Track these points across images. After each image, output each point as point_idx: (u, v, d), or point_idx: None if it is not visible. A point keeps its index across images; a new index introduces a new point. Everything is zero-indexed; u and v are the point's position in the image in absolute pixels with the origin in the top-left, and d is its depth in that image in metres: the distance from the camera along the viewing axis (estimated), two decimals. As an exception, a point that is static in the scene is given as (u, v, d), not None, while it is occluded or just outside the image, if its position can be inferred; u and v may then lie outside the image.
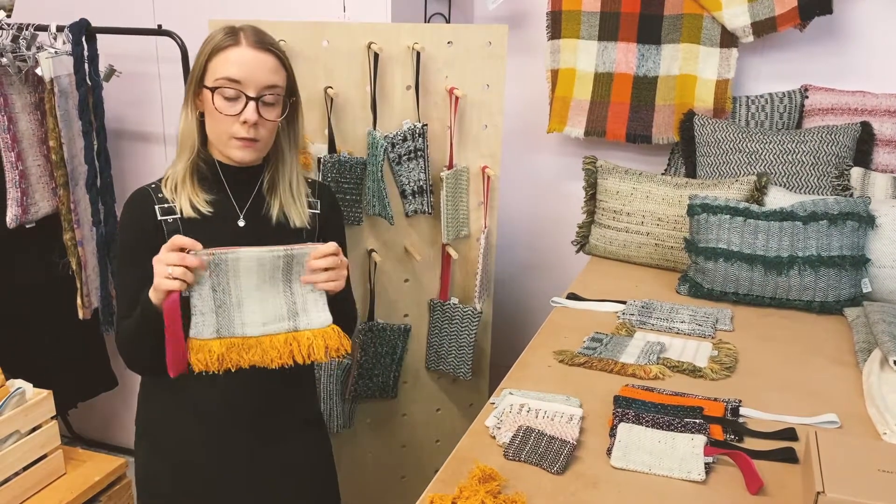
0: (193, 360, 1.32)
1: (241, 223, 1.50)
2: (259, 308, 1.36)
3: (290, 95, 1.49)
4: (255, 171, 1.53)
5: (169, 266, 1.28)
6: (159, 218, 1.44)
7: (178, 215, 1.45)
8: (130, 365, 1.50)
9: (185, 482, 1.54)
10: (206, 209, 1.46)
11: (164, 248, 1.30)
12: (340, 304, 1.48)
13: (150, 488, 1.59)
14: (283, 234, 1.51)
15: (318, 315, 1.38)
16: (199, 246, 1.30)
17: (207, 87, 1.42)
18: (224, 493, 1.54)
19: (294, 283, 1.38)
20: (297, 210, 1.53)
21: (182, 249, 1.30)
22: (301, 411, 1.63)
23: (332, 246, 1.39)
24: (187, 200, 1.45)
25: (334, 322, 1.41)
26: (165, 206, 1.46)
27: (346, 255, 1.61)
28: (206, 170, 1.50)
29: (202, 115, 1.47)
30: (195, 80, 1.45)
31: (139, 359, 1.47)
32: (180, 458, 1.53)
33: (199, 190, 1.47)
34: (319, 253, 1.37)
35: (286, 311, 1.38)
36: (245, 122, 1.40)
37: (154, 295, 1.33)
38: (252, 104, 1.40)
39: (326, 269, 1.38)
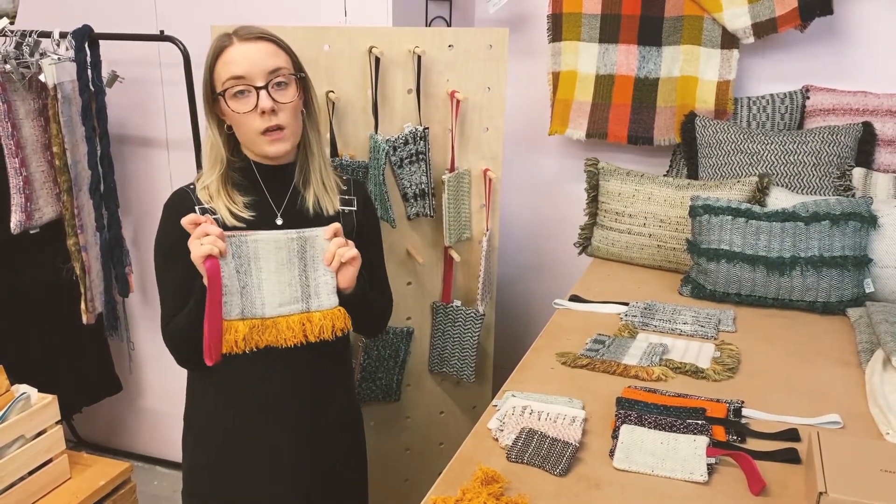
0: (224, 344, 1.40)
1: (279, 221, 1.52)
2: (277, 290, 1.44)
3: (299, 72, 1.50)
4: (289, 167, 1.55)
5: (198, 239, 1.34)
6: None
7: (218, 215, 1.47)
8: (182, 361, 1.53)
9: (228, 476, 1.56)
10: (246, 214, 1.48)
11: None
12: (372, 299, 1.59)
13: (194, 481, 1.62)
14: (321, 224, 1.53)
15: (328, 298, 1.47)
16: (205, 218, 1.36)
17: (219, 95, 1.44)
18: (265, 488, 1.56)
19: (308, 267, 1.45)
20: (330, 198, 1.56)
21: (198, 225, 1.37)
22: (341, 407, 1.66)
23: (334, 225, 1.46)
24: (225, 209, 1.47)
25: (365, 319, 1.55)
26: (205, 205, 1.48)
27: (381, 252, 1.70)
28: (241, 177, 1.52)
29: (229, 128, 1.49)
30: (208, 95, 1.47)
31: (192, 355, 1.49)
32: (224, 452, 1.56)
33: (235, 193, 1.50)
34: (329, 234, 1.44)
35: (300, 293, 1.45)
36: (263, 113, 1.42)
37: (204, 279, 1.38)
38: (263, 92, 1.41)
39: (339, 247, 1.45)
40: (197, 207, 1.47)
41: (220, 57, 1.43)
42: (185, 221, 1.36)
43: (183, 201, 1.49)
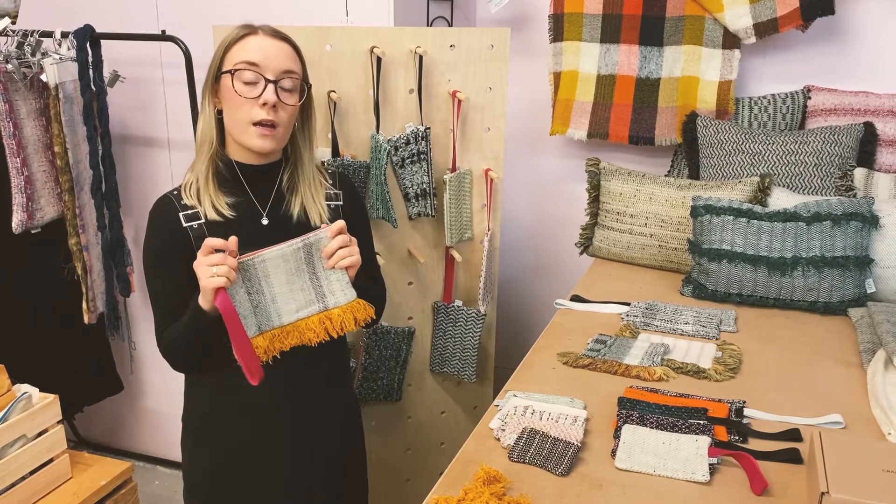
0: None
1: (265, 221, 1.52)
2: (291, 298, 1.44)
3: (305, 82, 1.51)
4: (273, 169, 1.54)
5: (212, 266, 1.32)
6: (184, 224, 1.46)
7: (203, 220, 1.47)
8: (178, 368, 1.54)
9: (227, 477, 1.56)
10: (228, 212, 1.48)
11: (200, 253, 1.35)
12: (367, 289, 1.56)
13: (194, 482, 1.62)
14: (306, 231, 1.53)
15: (344, 293, 1.46)
16: (231, 245, 1.35)
17: (226, 72, 1.43)
18: (264, 488, 1.56)
19: (318, 268, 1.45)
20: (317, 208, 1.56)
21: (217, 249, 1.35)
22: (339, 407, 1.66)
23: (338, 224, 1.45)
24: (210, 204, 1.47)
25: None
26: (189, 212, 1.47)
27: (371, 243, 1.70)
28: (226, 171, 1.51)
29: (220, 112, 1.49)
30: (213, 74, 1.47)
31: (190, 363, 1.52)
32: (222, 452, 1.56)
33: (220, 193, 1.49)
34: (333, 233, 1.44)
35: (314, 295, 1.45)
36: (265, 104, 1.42)
37: (204, 301, 1.36)
38: (272, 86, 1.42)
39: (341, 248, 1.44)
40: (181, 214, 1.47)
41: (241, 41, 1.44)
42: (208, 244, 1.34)
43: (166, 207, 1.49)
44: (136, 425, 3.16)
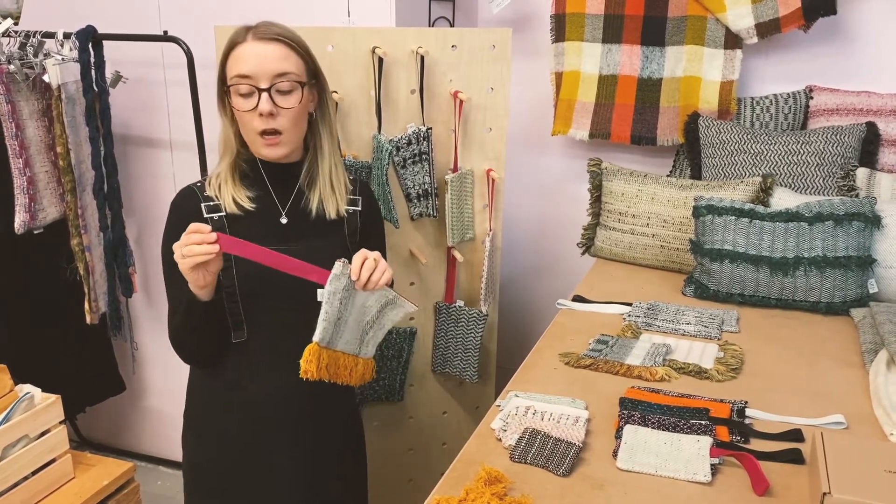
0: (304, 365, 1.36)
1: (284, 220, 1.53)
2: (349, 328, 1.43)
3: (311, 78, 1.50)
4: (296, 166, 1.55)
5: (182, 248, 1.31)
6: (205, 215, 1.48)
7: (223, 213, 1.48)
8: (183, 358, 1.55)
9: (228, 474, 1.57)
10: (248, 205, 1.49)
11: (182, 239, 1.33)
12: None
13: (194, 479, 1.63)
14: (322, 226, 1.54)
15: (371, 350, 1.51)
16: (207, 229, 1.32)
17: (228, 87, 1.45)
18: (264, 486, 1.57)
19: (377, 321, 1.47)
20: (334, 201, 1.56)
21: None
22: (341, 408, 1.67)
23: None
24: (230, 197, 1.49)
25: None
26: (210, 203, 1.49)
27: (385, 254, 1.70)
28: (248, 168, 1.53)
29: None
30: (220, 85, 1.48)
31: (190, 351, 1.53)
32: (223, 449, 1.57)
33: (241, 187, 1.51)
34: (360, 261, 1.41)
35: (360, 337, 1.46)
36: (261, 115, 1.42)
37: (192, 288, 1.37)
38: (265, 95, 1.42)
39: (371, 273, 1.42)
40: (203, 205, 1.48)
41: (233, 52, 1.44)
42: (190, 228, 1.33)
43: (189, 197, 1.51)
44: (139, 425, 3.16)
